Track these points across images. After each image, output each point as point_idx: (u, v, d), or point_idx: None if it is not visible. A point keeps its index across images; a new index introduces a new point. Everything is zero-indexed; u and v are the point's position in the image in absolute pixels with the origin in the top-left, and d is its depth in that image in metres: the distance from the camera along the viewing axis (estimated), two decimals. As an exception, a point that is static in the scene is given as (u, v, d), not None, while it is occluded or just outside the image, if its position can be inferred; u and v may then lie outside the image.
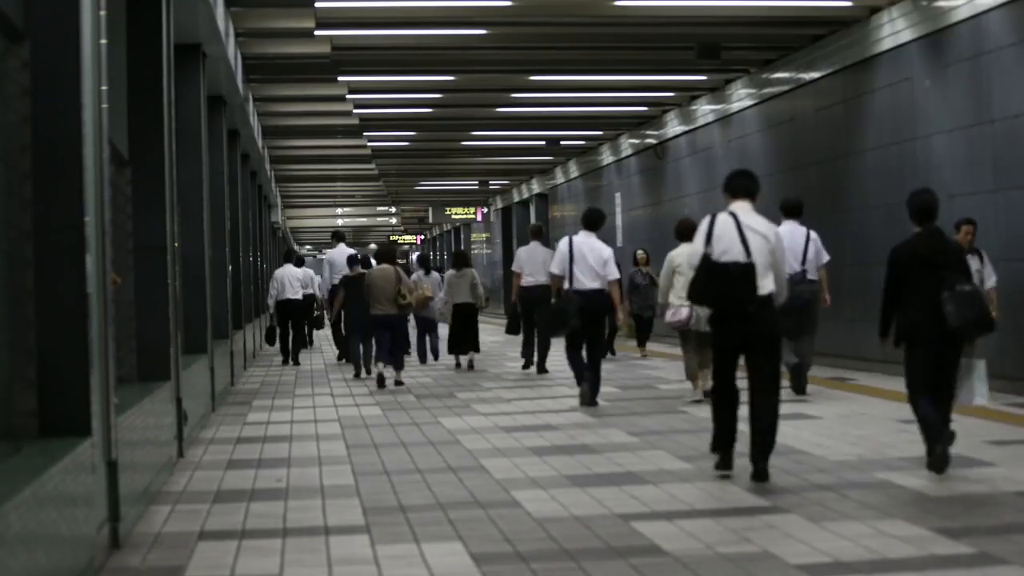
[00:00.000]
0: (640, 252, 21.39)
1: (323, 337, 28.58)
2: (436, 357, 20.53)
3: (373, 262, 18.45)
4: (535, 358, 17.58)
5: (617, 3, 15.19)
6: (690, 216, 23.29)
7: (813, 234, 13.42)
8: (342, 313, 19.96)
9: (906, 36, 14.96)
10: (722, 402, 8.50)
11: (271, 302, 22.12)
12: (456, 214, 46.27)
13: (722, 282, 8.26)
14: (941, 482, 8.04)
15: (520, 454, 9.89)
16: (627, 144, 27.58)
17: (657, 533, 6.78)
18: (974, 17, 13.48)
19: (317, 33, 15.90)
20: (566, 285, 12.88)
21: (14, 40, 6.17)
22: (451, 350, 19.31)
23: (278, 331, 22.29)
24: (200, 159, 13.77)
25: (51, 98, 6.24)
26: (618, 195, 28.57)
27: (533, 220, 38.65)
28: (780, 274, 8.46)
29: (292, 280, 21.83)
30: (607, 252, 13.10)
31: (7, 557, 4.49)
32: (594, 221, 13.39)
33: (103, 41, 6.91)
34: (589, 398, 13.00)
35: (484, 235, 49.76)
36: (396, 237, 66.01)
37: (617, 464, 9.22)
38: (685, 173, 23.68)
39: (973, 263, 12.18)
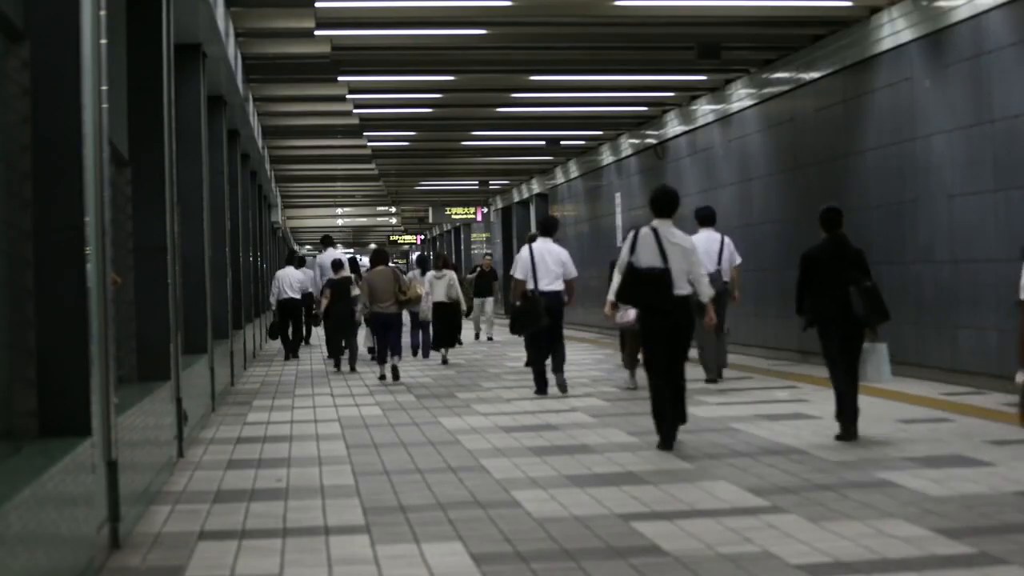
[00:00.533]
0: None
1: (321, 336, 28.75)
2: (426, 354, 21.61)
3: (364, 261, 19.13)
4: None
5: (617, 3, 15.18)
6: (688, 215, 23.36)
7: (727, 239, 15.34)
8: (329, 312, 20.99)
9: (906, 36, 14.96)
10: (658, 384, 10.02)
11: (273, 300, 24.20)
12: (456, 214, 46.26)
13: (643, 285, 9.96)
14: (941, 482, 8.04)
15: (520, 454, 9.89)
16: (627, 144, 27.58)
17: (657, 533, 6.79)
18: (974, 17, 13.48)
19: (317, 33, 15.90)
20: (530, 285, 14.29)
21: (14, 40, 6.17)
22: (434, 346, 20.75)
23: (281, 327, 24.04)
24: (200, 159, 13.77)
25: (51, 98, 6.23)
26: (618, 195, 28.56)
27: (533, 221, 38.69)
28: (698, 276, 10.12)
29: (292, 281, 23.77)
30: (564, 254, 14.61)
31: (7, 557, 4.49)
32: (549, 228, 14.93)
33: (103, 41, 6.91)
34: (564, 388, 14.50)
35: (484, 235, 49.76)
36: (396, 237, 66.02)
37: (617, 464, 9.23)
38: (685, 173, 23.68)
39: None
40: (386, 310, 17.38)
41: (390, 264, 18.44)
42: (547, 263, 14.23)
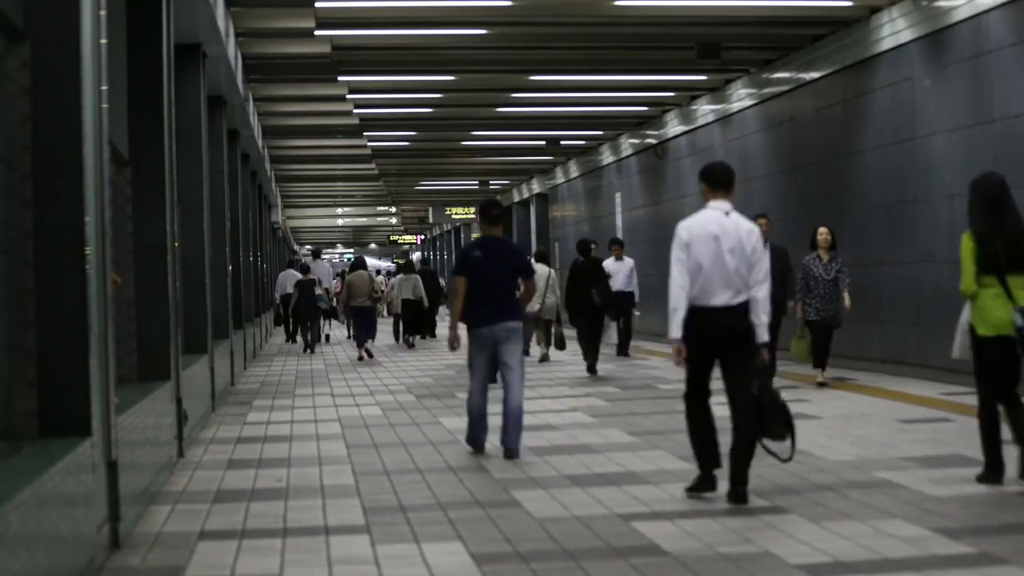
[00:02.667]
0: (822, 229, 14.62)
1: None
2: (397, 341, 27.03)
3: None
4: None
5: (617, 3, 15.18)
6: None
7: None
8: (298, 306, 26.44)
9: (906, 36, 14.96)
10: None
11: (277, 295, 29.17)
12: (456, 214, 46.27)
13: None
14: (941, 482, 8.04)
15: (520, 454, 9.88)
16: (627, 144, 27.59)
17: (657, 533, 6.79)
18: (974, 17, 13.48)
19: (317, 33, 15.90)
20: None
21: (14, 40, 6.17)
22: (404, 334, 26.15)
23: (283, 317, 29.52)
24: (200, 159, 13.76)
25: (51, 98, 6.23)
26: (618, 195, 28.57)
27: (534, 221, 38.70)
28: None
29: (292, 281, 27.37)
30: None
31: (7, 557, 4.49)
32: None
33: (103, 41, 6.90)
34: None
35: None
36: (396, 237, 66.06)
37: (617, 464, 9.23)
38: (685, 173, 23.68)
39: None
40: (362, 304, 22.86)
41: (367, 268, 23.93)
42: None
